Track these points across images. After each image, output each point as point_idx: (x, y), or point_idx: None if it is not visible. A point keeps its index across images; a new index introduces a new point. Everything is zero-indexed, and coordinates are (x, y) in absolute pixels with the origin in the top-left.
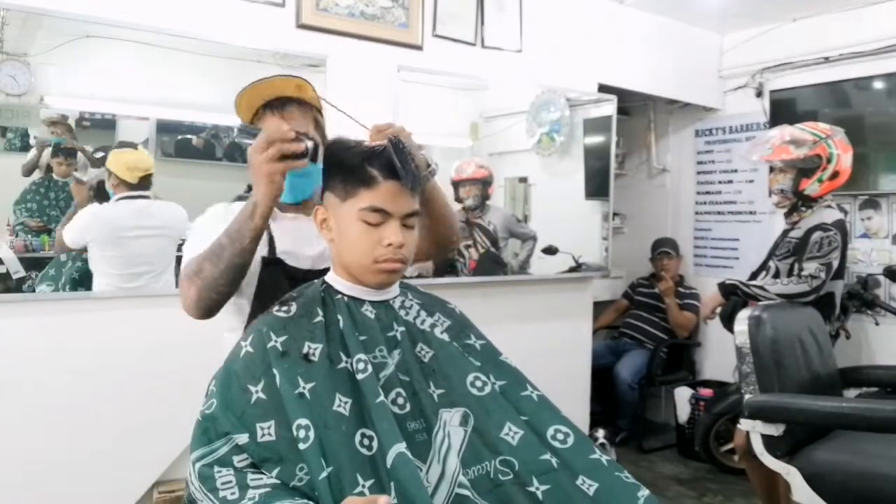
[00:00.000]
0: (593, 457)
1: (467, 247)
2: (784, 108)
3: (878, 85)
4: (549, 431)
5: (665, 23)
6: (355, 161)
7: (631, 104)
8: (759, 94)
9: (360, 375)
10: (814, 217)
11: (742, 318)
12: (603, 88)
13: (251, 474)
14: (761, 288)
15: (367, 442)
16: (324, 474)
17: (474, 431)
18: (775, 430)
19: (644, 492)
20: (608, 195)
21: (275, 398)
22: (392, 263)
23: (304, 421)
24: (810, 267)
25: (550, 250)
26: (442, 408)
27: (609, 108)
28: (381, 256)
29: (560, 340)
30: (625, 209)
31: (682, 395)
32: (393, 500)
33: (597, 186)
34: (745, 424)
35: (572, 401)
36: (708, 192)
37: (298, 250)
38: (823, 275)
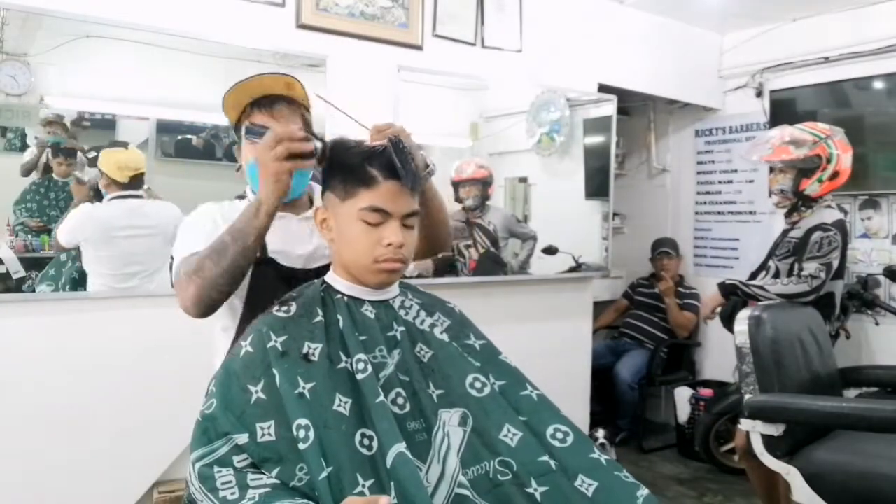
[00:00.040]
0: (592, 456)
1: (467, 247)
2: (784, 108)
3: (878, 85)
4: (549, 431)
5: (665, 23)
6: (355, 161)
7: (631, 104)
8: (759, 94)
9: (359, 375)
10: (814, 217)
11: (742, 318)
12: (603, 88)
13: (251, 474)
14: (761, 288)
15: (367, 442)
16: (324, 474)
17: (473, 432)
18: (775, 430)
19: (643, 491)
20: (608, 195)
21: (275, 398)
22: (392, 263)
23: (303, 421)
24: (810, 267)
25: (550, 250)
26: (441, 408)
27: (609, 108)
28: (381, 256)
29: (560, 340)
30: (625, 209)
31: (682, 395)
32: (393, 500)
33: (597, 186)
34: (745, 424)
35: (572, 401)
36: (708, 192)
37: (289, 249)
38: (823, 275)
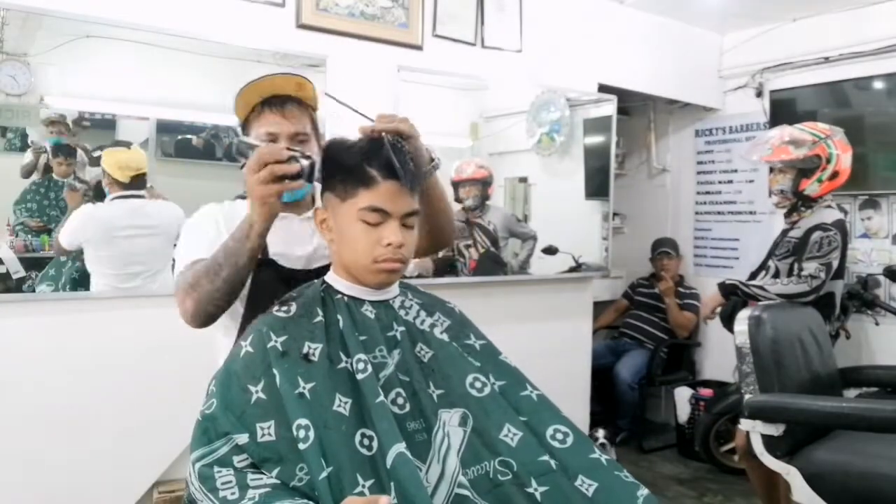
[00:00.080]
0: (593, 456)
1: (467, 247)
2: (784, 108)
3: (878, 85)
4: (549, 431)
5: (665, 23)
6: (354, 161)
7: (631, 104)
8: (759, 94)
9: (359, 375)
10: (814, 217)
11: (742, 318)
12: (603, 88)
13: (251, 474)
14: (761, 288)
15: (367, 442)
16: (324, 474)
17: (473, 432)
18: (775, 430)
19: (643, 491)
20: (608, 195)
21: (275, 398)
22: (392, 263)
23: (304, 421)
24: (810, 267)
25: (550, 250)
26: (441, 408)
27: (609, 108)
28: (381, 256)
29: (560, 340)
30: (625, 209)
31: (682, 395)
32: (393, 500)
33: (597, 186)
34: (745, 424)
35: (572, 401)
36: (708, 192)
37: (290, 251)
38: (823, 275)
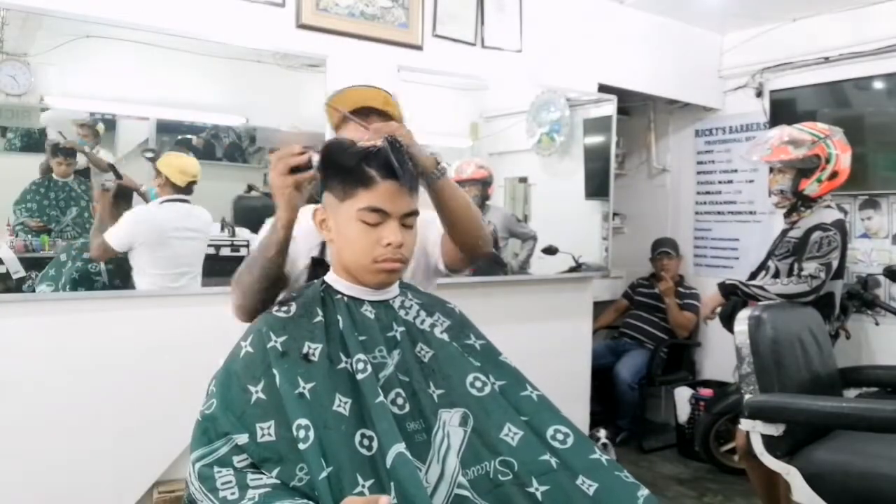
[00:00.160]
0: (593, 457)
1: None
2: (784, 108)
3: (878, 85)
4: (549, 431)
5: (665, 23)
6: (353, 161)
7: (631, 104)
8: (759, 94)
9: (359, 375)
10: (813, 217)
11: (742, 318)
12: (603, 88)
13: (251, 474)
14: (761, 288)
15: (366, 442)
16: (324, 474)
17: (474, 432)
18: (775, 430)
19: (644, 491)
20: (608, 195)
21: (275, 398)
22: (391, 263)
23: (303, 421)
24: (810, 267)
25: (550, 250)
26: (441, 408)
27: (609, 108)
28: (381, 256)
29: (560, 340)
30: (625, 209)
31: (682, 395)
32: (393, 500)
33: (597, 186)
34: (745, 424)
35: (572, 401)
36: (708, 192)
37: None
38: (823, 275)
